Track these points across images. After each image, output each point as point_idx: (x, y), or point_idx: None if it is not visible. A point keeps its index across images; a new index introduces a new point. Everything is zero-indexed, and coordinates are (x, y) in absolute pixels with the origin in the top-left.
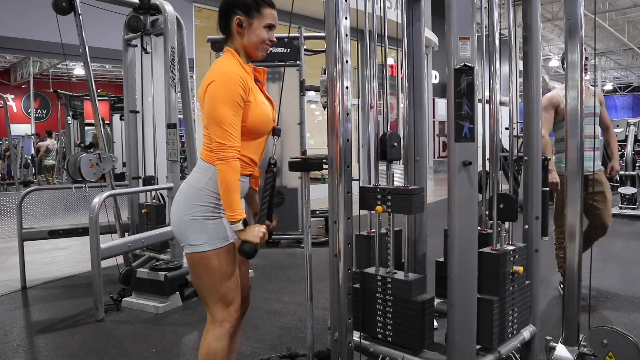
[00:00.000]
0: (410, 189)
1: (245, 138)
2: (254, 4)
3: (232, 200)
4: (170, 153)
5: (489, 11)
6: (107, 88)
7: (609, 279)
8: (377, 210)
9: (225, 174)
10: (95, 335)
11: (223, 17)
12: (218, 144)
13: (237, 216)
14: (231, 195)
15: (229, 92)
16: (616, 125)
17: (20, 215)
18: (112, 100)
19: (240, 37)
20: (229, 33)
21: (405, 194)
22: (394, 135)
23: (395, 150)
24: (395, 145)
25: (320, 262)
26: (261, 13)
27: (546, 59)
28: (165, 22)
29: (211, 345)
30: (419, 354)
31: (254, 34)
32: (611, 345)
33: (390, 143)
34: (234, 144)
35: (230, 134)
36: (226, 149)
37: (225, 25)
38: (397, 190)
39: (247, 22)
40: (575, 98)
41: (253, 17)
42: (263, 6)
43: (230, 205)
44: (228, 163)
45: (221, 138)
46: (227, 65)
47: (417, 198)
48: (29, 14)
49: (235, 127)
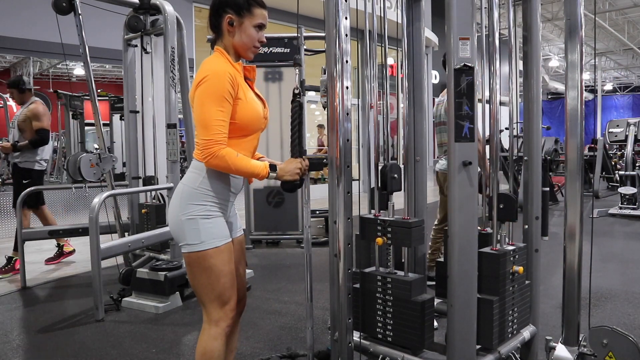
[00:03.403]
0: (410, 222)
1: (236, 135)
2: (245, 3)
3: (248, 170)
4: (170, 153)
5: (489, 11)
6: (107, 88)
7: (609, 279)
8: (378, 242)
9: (223, 165)
10: (95, 335)
11: (214, 16)
12: (202, 142)
13: (263, 172)
14: (244, 168)
15: (217, 89)
16: (616, 125)
17: (20, 215)
18: (112, 100)
19: (230, 36)
20: (220, 32)
21: (405, 227)
22: (394, 166)
23: (396, 182)
24: (396, 177)
25: (320, 262)
26: (252, 13)
27: (546, 59)
28: (165, 22)
29: (208, 344)
30: (419, 354)
31: (245, 34)
32: (611, 345)
33: (391, 175)
34: (218, 138)
35: (216, 129)
36: (210, 145)
37: (216, 23)
38: (397, 222)
39: (238, 21)
40: (575, 98)
41: (244, 16)
42: (254, 6)
43: (251, 174)
44: (216, 156)
45: (204, 135)
46: (215, 64)
47: (416, 231)
48: (29, 14)
49: (221, 122)
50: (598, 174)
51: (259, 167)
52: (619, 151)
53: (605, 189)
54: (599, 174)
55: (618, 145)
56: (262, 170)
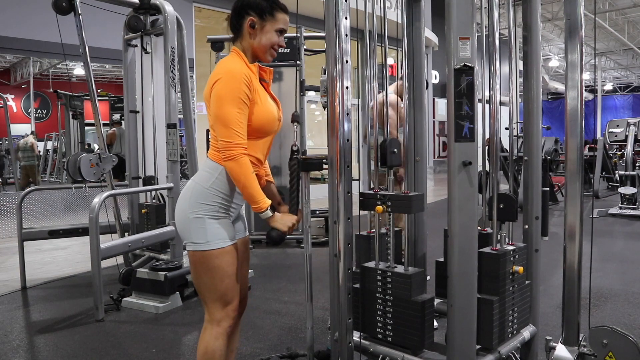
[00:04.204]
0: (410, 195)
1: (251, 137)
2: (268, 7)
3: (253, 193)
4: (170, 153)
5: (489, 11)
6: (107, 88)
7: (609, 279)
8: (377, 210)
9: (237, 172)
10: (95, 335)
11: (235, 17)
12: (224, 143)
13: (262, 205)
14: (250, 188)
15: (234, 90)
16: (616, 125)
17: (20, 215)
18: (112, 100)
19: (251, 38)
20: (240, 33)
21: (405, 200)
22: (394, 141)
23: (396, 157)
24: (396, 151)
25: (320, 262)
26: (274, 17)
27: (546, 59)
28: (165, 22)
29: (209, 344)
30: (419, 354)
31: (265, 37)
32: (611, 345)
33: (391, 149)
34: (239, 141)
35: (236, 132)
36: (232, 147)
37: (237, 25)
38: (396, 197)
39: (260, 25)
40: (575, 98)
41: (266, 20)
42: (277, 10)
43: (252, 198)
44: (236, 161)
45: (226, 137)
46: (232, 64)
47: (417, 200)
48: (29, 14)
49: (240, 125)
50: (598, 174)
51: (262, 198)
52: (619, 151)
53: (605, 189)
54: (599, 174)
55: (618, 145)
56: (263, 203)
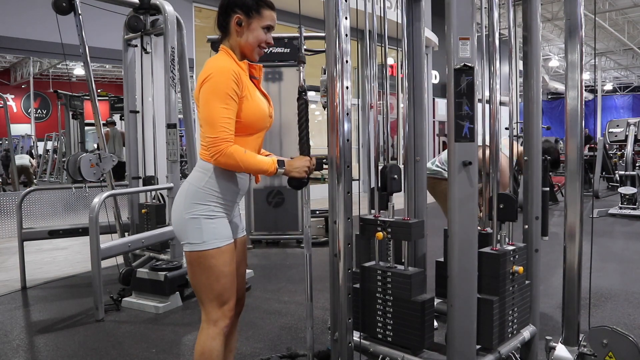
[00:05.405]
0: (410, 223)
1: (242, 134)
2: (254, 4)
3: (257, 167)
4: (170, 153)
5: (489, 11)
6: (107, 88)
7: (609, 279)
8: (378, 237)
9: (231, 163)
10: (95, 335)
11: (222, 15)
12: (210, 140)
13: (271, 169)
14: (252, 166)
15: (222, 86)
16: (616, 125)
17: (20, 215)
18: (112, 100)
19: (238, 36)
20: (227, 31)
21: (405, 227)
22: (394, 167)
23: (396, 183)
24: (396, 177)
25: (320, 262)
26: (261, 14)
27: (546, 59)
28: (165, 22)
29: (206, 344)
30: (419, 354)
31: (252, 35)
32: (611, 345)
33: (391, 176)
34: (225, 136)
35: (222, 127)
36: (218, 142)
37: (224, 23)
38: (397, 223)
39: (246, 22)
40: (575, 98)
41: (252, 17)
42: (263, 7)
43: (259, 171)
44: (224, 154)
45: (212, 133)
46: (220, 61)
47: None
48: (29, 14)
49: (227, 120)
50: (598, 174)
51: (267, 163)
52: (619, 151)
53: (605, 189)
54: (599, 174)
55: (618, 145)
56: (270, 166)
